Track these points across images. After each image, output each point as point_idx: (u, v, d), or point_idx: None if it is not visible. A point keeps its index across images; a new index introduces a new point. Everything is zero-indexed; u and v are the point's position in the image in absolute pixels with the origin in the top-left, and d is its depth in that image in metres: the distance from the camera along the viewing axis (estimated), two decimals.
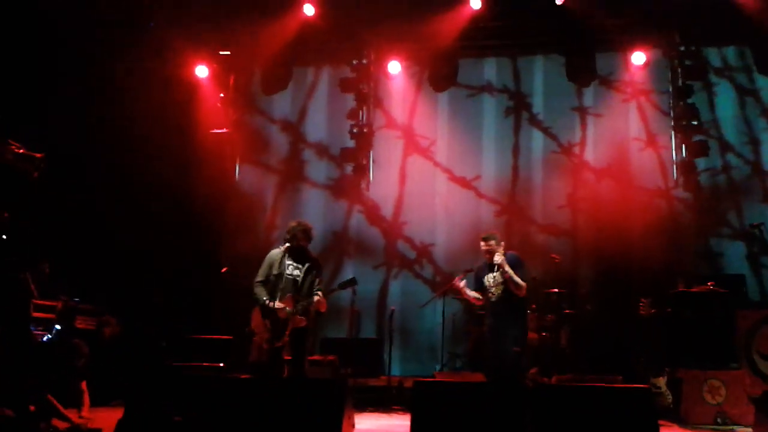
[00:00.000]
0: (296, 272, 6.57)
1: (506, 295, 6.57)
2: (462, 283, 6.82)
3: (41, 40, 9.34)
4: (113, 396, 7.01)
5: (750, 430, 6.20)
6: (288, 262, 6.59)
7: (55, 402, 5.70)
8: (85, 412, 5.89)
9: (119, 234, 9.54)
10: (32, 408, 5.40)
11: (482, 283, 6.77)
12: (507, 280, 6.51)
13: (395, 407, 7.86)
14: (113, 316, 7.74)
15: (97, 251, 9.28)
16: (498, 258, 6.55)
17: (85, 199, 9.54)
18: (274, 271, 6.55)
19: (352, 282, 6.95)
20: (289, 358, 6.60)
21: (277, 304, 6.42)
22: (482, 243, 6.73)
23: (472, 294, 6.77)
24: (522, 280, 6.52)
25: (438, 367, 9.41)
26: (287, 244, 6.61)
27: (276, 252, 6.67)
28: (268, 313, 6.46)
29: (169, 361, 7.97)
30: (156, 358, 8.03)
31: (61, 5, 9.34)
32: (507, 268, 6.50)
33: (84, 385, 6.07)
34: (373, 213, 10.99)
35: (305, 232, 6.67)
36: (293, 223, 6.77)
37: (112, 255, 9.42)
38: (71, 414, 5.85)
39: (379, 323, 10.49)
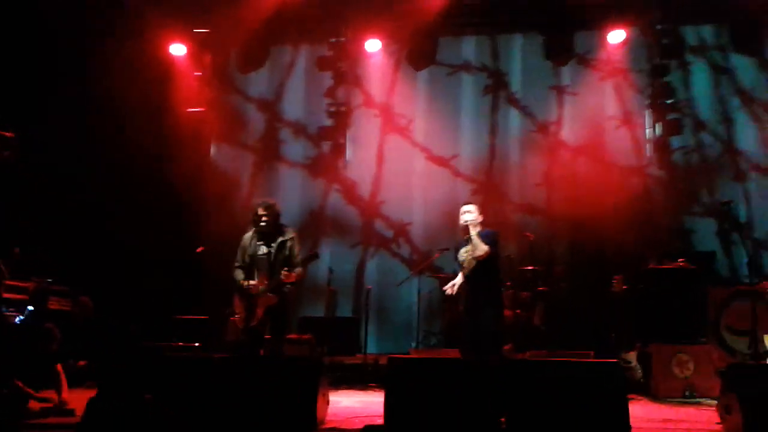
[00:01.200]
0: (264, 250, 6.62)
1: (479, 269, 6.55)
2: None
3: (17, 18, 9.19)
4: (87, 377, 7.00)
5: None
6: (257, 242, 6.65)
7: (22, 386, 5.69)
8: (65, 394, 5.87)
9: (93, 213, 9.50)
10: (5, 392, 5.38)
11: (458, 258, 6.78)
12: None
13: (371, 384, 7.92)
14: (86, 297, 7.69)
15: (71, 231, 9.22)
16: (466, 217, 6.52)
17: (58, 178, 9.44)
18: (248, 253, 6.63)
19: (314, 257, 6.94)
20: (268, 336, 6.68)
21: (249, 283, 6.50)
22: (462, 210, 6.69)
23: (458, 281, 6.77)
24: (489, 248, 6.42)
25: (413, 345, 9.50)
26: (253, 225, 6.67)
27: (247, 235, 6.75)
28: (243, 293, 6.55)
29: (143, 342, 7.96)
30: (130, 338, 8.01)
31: None
32: (472, 229, 6.48)
33: (59, 367, 6.05)
34: (350, 192, 10.99)
35: (267, 209, 6.65)
36: (255, 202, 6.81)
37: (86, 235, 9.37)
38: (48, 395, 5.85)
39: (355, 302, 10.55)
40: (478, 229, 6.57)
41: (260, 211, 6.66)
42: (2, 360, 5.63)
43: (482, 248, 6.43)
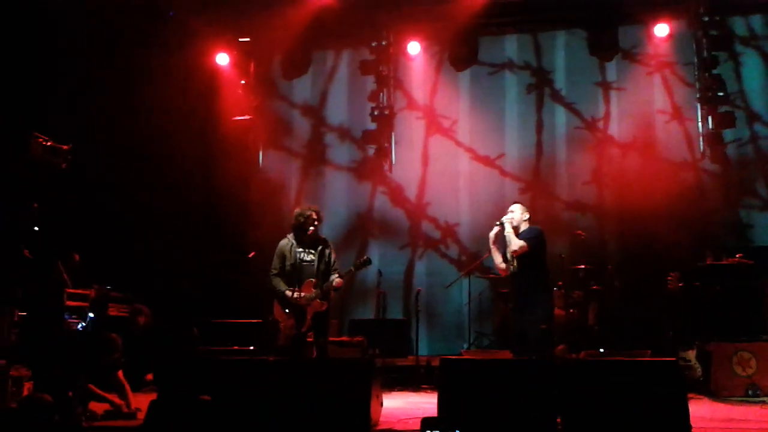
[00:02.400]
0: (309, 257, 6.71)
1: (523, 267, 6.46)
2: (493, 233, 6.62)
3: (66, 30, 9.44)
4: (146, 382, 7.15)
5: None
6: (298, 249, 6.73)
7: (95, 389, 5.85)
8: (131, 399, 6.00)
9: (145, 222, 9.70)
10: (70, 394, 5.53)
11: (506, 254, 6.72)
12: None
13: (423, 386, 7.92)
14: (145, 305, 7.87)
15: (126, 241, 9.44)
16: (504, 218, 6.46)
17: (112, 189, 9.69)
18: (289, 261, 6.71)
19: (366, 262, 6.94)
20: (311, 340, 6.76)
21: (296, 294, 6.59)
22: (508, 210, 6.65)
23: (498, 260, 6.68)
24: (525, 243, 6.32)
25: (465, 346, 9.45)
26: (294, 231, 6.75)
27: (284, 242, 6.82)
28: (287, 303, 6.65)
29: (200, 347, 8.11)
30: (187, 344, 8.17)
31: None
32: (507, 226, 6.43)
33: (121, 374, 6.21)
34: (396, 194, 11.01)
35: (310, 217, 6.71)
36: (297, 210, 6.86)
37: (139, 243, 9.58)
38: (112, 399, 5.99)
39: (405, 304, 10.54)
40: (522, 227, 6.49)
41: (315, 216, 6.70)
42: (66, 367, 5.79)
43: (516, 243, 6.35)
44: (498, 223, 6.53)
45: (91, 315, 7.17)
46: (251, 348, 8.11)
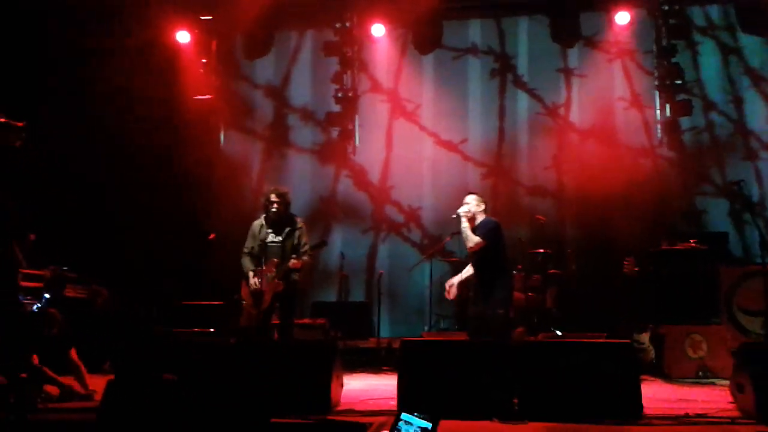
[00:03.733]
0: (277, 238, 6.80)
1: (480, 258, 6.55)
2: (453, 287, 6.74)
3: (19, 8, 9.19)
4: (104, 369, 7.08)
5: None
6: (267, 230, 6.83)
7: (47, 370, 5.75)
8: (86, 380, 5.91)
9: (105, 202, 9.55)
10: (23, 375, 5.44)
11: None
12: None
13: (384, 368, 7.97)
14: (104, 286, 7.75)
15: (84, 220, 9.28)
16: (460, 210, 6.53)
17: (70, 168, 9.50)
18: (256, 242, 6.82)
19: (323, 244, 7.17)
20: (278, 322, 6.79)
21: (251, 279, 6.72)
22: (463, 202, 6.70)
23: (464, 274, 6.79)
24: (481, 239, 6.39)
25: (426, 329, 9.54)
26: (264, 213, 6.85)
27: (257, 222, 6.94)
28: (248, 282, 6.77)
29: (159, 327, 8.04)
30: (146, 324, 8.09)
31: None
32: (463, 220, 6.50)
33: (74, 354, 6.10)
34: (360, 177, 11.00)
35: (280, 197, 6.81)
36: (268, 189, 6.97)
37: (97, 223, 9.42)
38: (69, 383, 5.90)
39: (368, 287, 10.58)
40: (478, 218, 6.55)
41: (273, 198, 6.79)
42: (17, 346, 5.68)
43: (473, 239, 6.41)
44: (454, 215, 6.56)
45: (47, 296, 7.03)
46: (212, 330, 8.06)
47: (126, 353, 5.98)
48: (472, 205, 6.58)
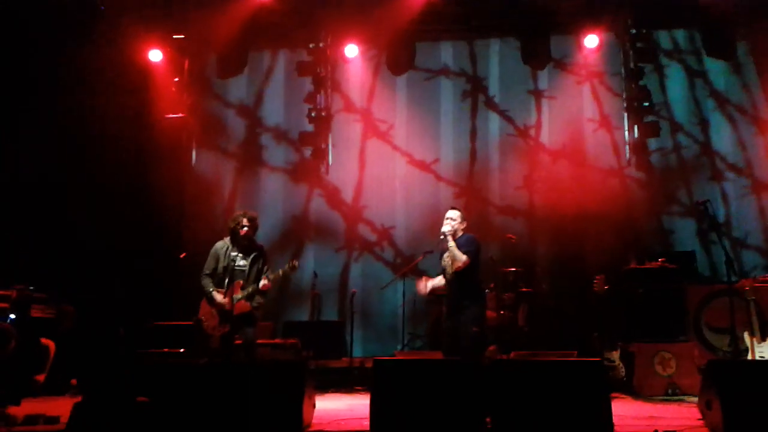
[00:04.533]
0: (243, 262, 6.81)
1: (461, 273, 6.58)
2: (423, 286, 6.77)
3: None
4: (70, 387, 6.94)
5: None
6: (234, 253, 6.80)
7: None
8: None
9: (75, 221, 9.42)
10: None
11: (441, 262, 6.84)
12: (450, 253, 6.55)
13: (357, 387, 7.94)
14: (70, 306, 7.62)
15: (50, 239, 9.14)
16: (444, 228, 6.55)
17: (39, 186, 9.37)
18: (221, 264, 6.79)
19: (293, 268, 7.00)
20: (239, 342, 6.79)
21: (218, 297, 6.67)
22: (445, 217, 6.74)
23: (435, 282, 6.81)
24: (467, 255, 6.46)
25: (399, 348, 9.51)
26: (231, 236, 6.85)
27: (221, 244, 6.92)
28: (214, 302, 6.73)
29: (128, 349, 7.91)
30: (113, 345, 7.96)
31: None
32: (449, 240, 6.52)
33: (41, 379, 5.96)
34: (333, 196, 10.99)
35: (251, 221, 6.85)
36: (237, 212, 6.99)
37: (66, 242, 9.28)
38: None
39: (340, 306, 10.52)
40: (459, 234, 6.61)
41: (244, 222, 6.78)
42: None
43: (461, 259, 6.45)
44: (441, 235, 6.56)
45: (12, 316, 6.90)
46: (182, 350, 7.95)
47: (95, 375, 5.87)
48: (456, 222, 6.63)
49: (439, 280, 6.81)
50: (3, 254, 6.66)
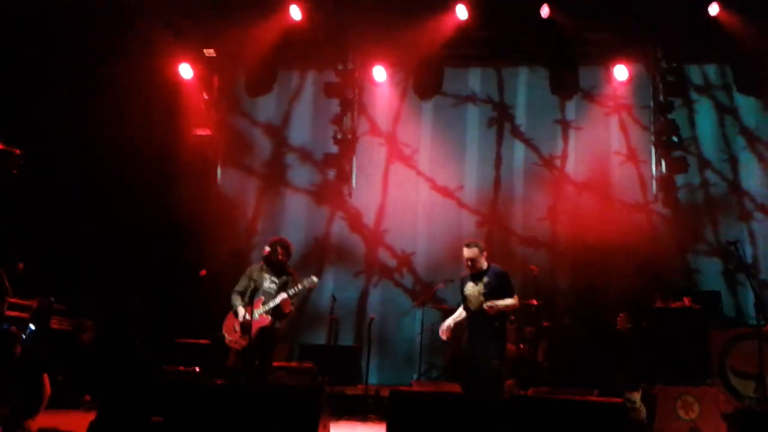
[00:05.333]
0: (272, 286, 7.01)
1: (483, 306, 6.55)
2: (449, 327, 6.79)
3: (28, 34, 9.25)
4: (83, 402, 6.94)
5: None
6: (265, 275, 7.03)
7: None
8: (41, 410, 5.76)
9: (99, 234, 9.46)
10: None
11: (463, 291, 6.79)
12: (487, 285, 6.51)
13: (371, 416, 7.85)
14: (90, 320, 7.62)
15: (75, 250, 9.18)
16: (485, 305, 6.49)
17: (65, 197, 9.45)
18: (252, 284, 6.97)
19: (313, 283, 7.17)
20: (257, 362, 6.86)
21: (241, 310, 6.88)
22: (464, 249, 6.70)
23: (457, 316, 6.78)
24: (510, 294, 6.54)
25: (415, 377, 9.41)
26: (264, 259, 7.02)
27: (255, 266, 7.15)
28: (237, 314, 6.94)
29: (145, 365, 7.91)
30: (132, 361, 7.96)
31: (49, 4, 9.28)
32: (497, 304, 6.47)
33: (45, 379, 5.95)
34: (354, 220, 10.95)
35: (285, 249, 7.11)
36: (274, 239, 7.18)
37: (90, 254, 9.32)
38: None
39: (357, 331, 10.44)
40: (484, 266, 6.58)
41: (279, 249, 7.03)
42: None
43: (510, 302, 6.56)
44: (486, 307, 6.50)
45: (32, 327, 6.90)
46: (197, 369, 7.92)
47: (111, 391, 5.85)
48: (477, 258, 6.62)
49: (459, 313, 6.75)
50: (26, 265, 6.67)
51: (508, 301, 6.53)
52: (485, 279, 6.60)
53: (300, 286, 7.02)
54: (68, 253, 9.10)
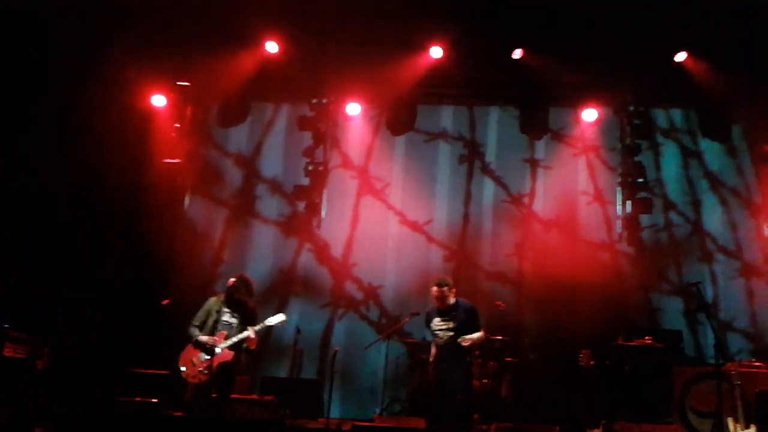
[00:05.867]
0: (232, 320, 6.90)
1: (453, 341, 6.61)
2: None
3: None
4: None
5: None
6: (225, 310, 6.92)
7: None
8: None
9: (62, 259, 9.32)
10: None
11: (430, 326, 6.83)
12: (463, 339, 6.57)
13: None
14: (46, 346, 7.48)
15: (34, 277, 9.02)
16: (463, 339, 6.61)
17: (31, 220, 9.31)
18: (211, 318, 6.89)
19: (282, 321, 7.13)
20: (215, 395, 6.74)
21: (203, 338, 6.77)
22: (434, 288, 6.79)
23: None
24: (479, 329, 6.67)
25: (378, 411, 9.32)
26: (226, 295, 6.96)
27: (214, 300, 7.04)
28: (199, 344, 6.79)
29: (102, 395, 7.73)
30: (89, 390, 7.77)
31: (24, 30, 9.28)
32: (472, 338, 6.61)
33: None
34: (322, 252, 10.91)
35: (247, 287, 7.04)
36: (236, 276, 7.09)
37: (51, 281, 9.16)
38: None
39: (321, 364, 10.32)
40: (451, 301, 6.66)
41: (240, 285, 6.94)
42: None
43: (478, 336, 6.70)
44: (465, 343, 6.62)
45: None
46: (155, 401, 7.77)
47: (65, 421, 5.71)
48: (447, 295, 6.77)
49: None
50: None
51: (478, 335, 6.63)
52: (454, 314, 6.68)
53: (265, 324, 6.96)
54: (31, 277, 8.93)
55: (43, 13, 9.28)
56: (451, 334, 6.67)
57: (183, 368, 6.77)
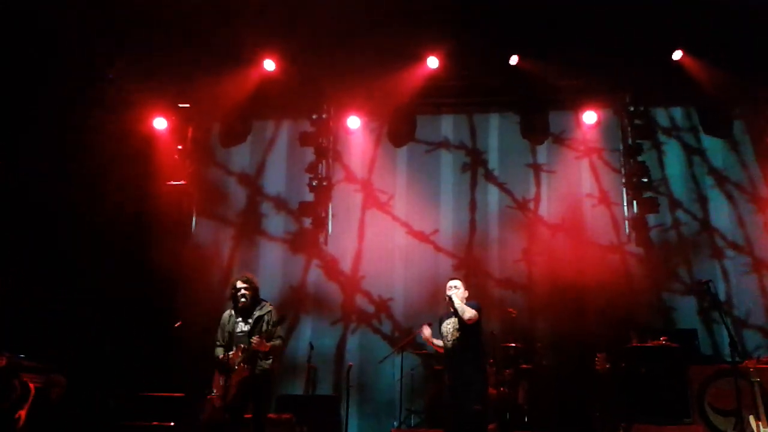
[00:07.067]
0: (246, 327, 6.68)
1: (462, 341, 6.52)
2: (428, 332, 6.79)
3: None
4: None
5: None
6: (236, 319, 6.75)
7: None
8: None
9: (71, 286, 9.31)
10: None
11: (441, 330, 6.79)
12: (456, 312, 6.49)
13: None
14: (61, 375, 7.44)
15: (45, 305, 9.00)
16: (451, 293, 6.58)
17: (36, 250, 9.30)
18: (227, 331, 6.71)
19: (282, 319, 6.95)
20: (249, 415, 6.54)
21: (227, 355, 6.59)
22: (448, 286, 6.75)
23: (438, 342, 6.78)
24: (472, 313, 6.48)
25: (395, 424, 9.27)
26: (232, 303, 6.81)
27: (226, 313, 6.86)
28: (221, 367, 6.60)
29: (117, 420, 7.69)
30: (105, 416, 7.74)
31: (24, 56, 9.30)
32: (455, 299, 6.52)
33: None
34: (331, 267, 10.89)
35: (247, 283, 6.78)
36: (233, 280, 6.93)
37: (61, 308, 9.14)
38: None
39: (336, 379, 10.27)
40: (464, 298, 6.63)
41: (239, 285, 6.72)
42: None
43: (469, 311, 6.47)
44: (447, 298, 6.56)
45: None
46: (172, 424, 7.73)
47: None
48: (460, 290, 6.66)
49: (437, 342, 6.75)
50: None
51: (468, 309, 6.49)
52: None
53: (275, 317, 6.75)
54: (38, 306, 8.91)
55: (43, 37, 9.29)
56: (458, 335, 6.56)
57: (213, 390, 6.58)
